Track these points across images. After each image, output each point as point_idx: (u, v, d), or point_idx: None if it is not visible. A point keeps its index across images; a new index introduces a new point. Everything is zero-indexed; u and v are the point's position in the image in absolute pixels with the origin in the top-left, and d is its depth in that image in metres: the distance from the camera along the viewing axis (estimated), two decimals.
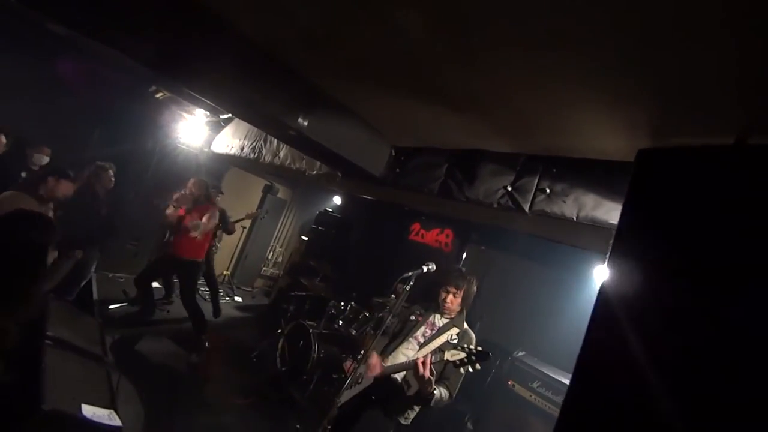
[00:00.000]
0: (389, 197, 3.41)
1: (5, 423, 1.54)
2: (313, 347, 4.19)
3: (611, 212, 1.92)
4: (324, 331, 4.50)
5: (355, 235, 5.96)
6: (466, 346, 2.03)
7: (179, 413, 3.12)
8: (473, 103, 1.98)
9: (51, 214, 3.15)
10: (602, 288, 1.03)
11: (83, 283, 4.39)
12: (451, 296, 2.31)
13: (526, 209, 2.22)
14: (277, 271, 7.35)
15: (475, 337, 2.27)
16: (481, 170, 2.45)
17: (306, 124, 2.42)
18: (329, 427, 2.34)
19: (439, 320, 2.39)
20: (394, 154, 2.94)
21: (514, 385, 3.51)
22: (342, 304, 4.65)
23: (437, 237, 5.19)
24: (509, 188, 2.30)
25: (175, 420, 3.02)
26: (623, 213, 1.04)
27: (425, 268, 2.39)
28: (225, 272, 6.60)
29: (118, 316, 4.35)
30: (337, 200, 6.89)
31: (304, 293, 5.14)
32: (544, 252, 3.64)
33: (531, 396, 3.38)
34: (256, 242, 6.95)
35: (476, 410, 3.75)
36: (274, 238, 7.40)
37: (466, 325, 2.32)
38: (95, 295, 4.46)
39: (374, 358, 2.38)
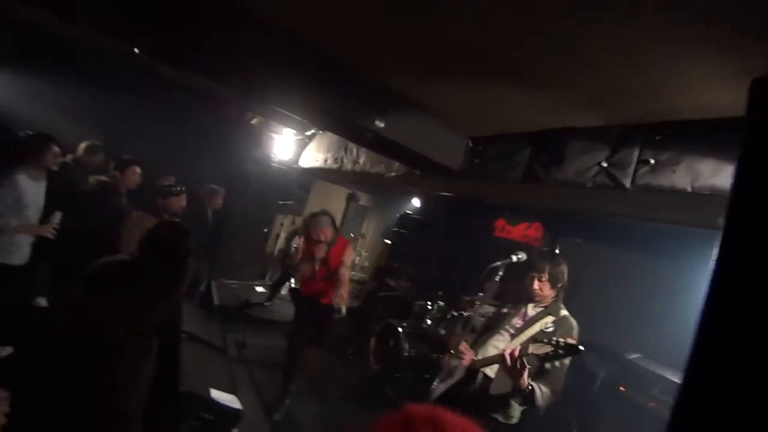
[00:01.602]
0: (469, 190, 3.36)
1: (151, 402, 1.78)
2: (402, 346, 4.27)
3: None
4: (413, 331, 4.56)
5: (438, 235, 5.94)
6: (553, 339, 1.88)
7: (290, 401, 3.43)
8: (553, 76, 1.87)
9: None
10: (716, 265, 0.74)
11: (202, 288, 5.14)
12: (537, 281, 2.18)
13: (627, 185, 2.00)
14: (364, 276, 7.65)
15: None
16: (570, 149, 2.28)
17: (382, 125, 2.54)
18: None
19: (532, 310, 2.27)
20: (471, 145, 2.90)
21: (627, 391, 3.14)
22: (429, 303, 4.67)
23: (525, 231, 4.91)
24: (604, 164, 2.10)
25: (286, 408, 3.33)
26: (739, 169, 0.76)
27: (514, 258, 2.30)
28: None
29: (236, 316, 4.96)
30: (416, 203, 6.96)
31: (391, 294, 5.28)
32: (650, 240, 3.20)
33: (650, 403, 2.98)
34: None
35: (582, 418, 3.42)
36: (358, 243, 7.74)
37: (564, 312, 2.16)
38: (216, 300, 5.17)
39: (464, 346, 2.34)
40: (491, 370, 2.21)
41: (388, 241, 6.86)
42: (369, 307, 5.99)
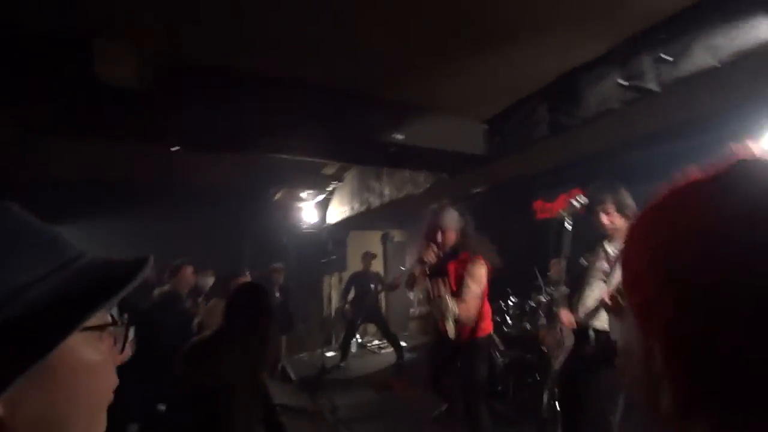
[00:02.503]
0: (500, 174, 3.38)
1: None
2: (493, 356, 4.04)
3: None
4: (498, 337, 4.33)
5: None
6: None
7: None
8: (543, 25, 1.97)
9: None
10: None
11: (279, 367, 5.10)
12: (604, 216, 2.09)
13: (655, 88, 1.99)
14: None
15: None
16: (585, 85, 2.31)
17: (402, 136, 2.67)
18: (556, 390, 2.20)
19: (612, 247, 2.16)
20: (488, 127, 2.98)
21: None
22: (502, 303, 4.48)
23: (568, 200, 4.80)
24: (625, 82, 2.12)
25: None
26: None
27: (576, 203, 2.25)
28: None
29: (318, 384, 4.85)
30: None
31: None
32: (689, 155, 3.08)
33: None
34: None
35: None
36: None
37: None
38: (293, 376, 5.11)
39: (565, 314, 2.22)
40: (602, 323, 2.08)
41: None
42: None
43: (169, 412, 2.94)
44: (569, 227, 2.22)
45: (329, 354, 5.82)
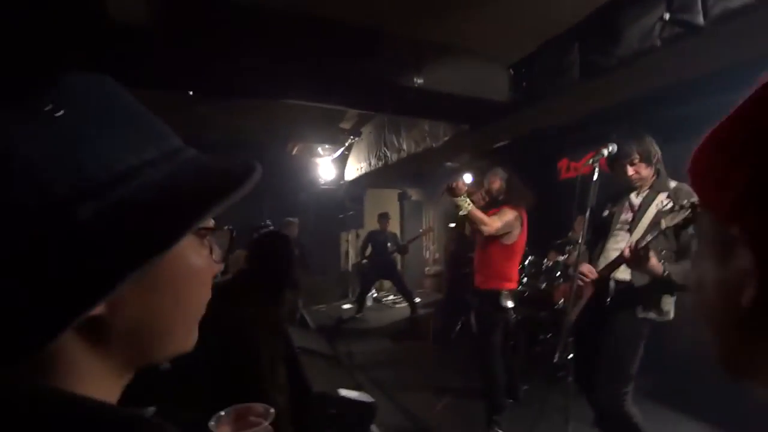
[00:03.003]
0: (524, 124, 3.21)
1: (292, 406, 1.84)
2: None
3: None
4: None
5: None
6: (685, 201, 1.68)
7: (414, 392, 3.37)
8: None
9: None
10: None
11: (297, 317, 5.33)
12: (629, 167, 1.96)
13: (701, 22, 1.79)
14: (439, 267, 7.52)
15: None
16: (622, 20, 2.10)
17: (421, 80, 2.53)
18: (571, 340, 2.20)
19: (637, 198, 2.06)
20: (512, 72, 2.80)
21: None
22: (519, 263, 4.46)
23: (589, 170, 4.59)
24: (667, 16, 1.91)
25: (415, 398, 3.27)
26: None
27: (605, 151, 2.11)
28: None
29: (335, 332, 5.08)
30: (468, 179, 6.81)
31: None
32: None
33: None
34: (410, 247, 7.33)
35: None
36: (423, 238, 7.67)
37: (673, 183, 1.94)
38: (311, 324, 5.35)
39: (585, 267, 2.17)
40: (622, 273, 2.02)
41: (453, 225, 6.74)
42: (457, 293, 5.85)
43: (196, 352, 3.15)
44: (596, 176, 2.11)
45: (346, 306, 6.03)
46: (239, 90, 2.58)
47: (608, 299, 2.00)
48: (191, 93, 2.64)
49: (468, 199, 2.44)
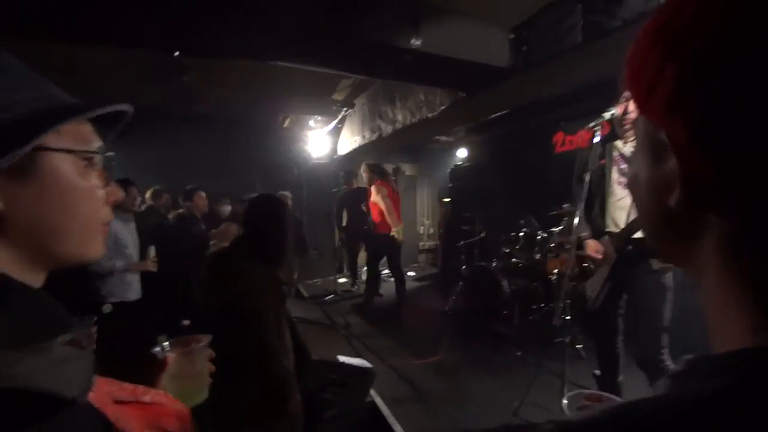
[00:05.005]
0: (524, 92, 3.14)
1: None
2: (501, 284, 4.13)
3: None
4: (505, 266, 4.41)
5: (497, 173, 5.72)
6: None
7: (407, 358, 3.43)
8: None
9: None
10: None
11: (292, 291, 5.34)
12: (625, 103, 1.91)
13: None
14: (434, 242, 7.56)
15: None
16: None
17: (419, 42, 2.43)
18: (568, 301, 2.23)
19: (628, 147, 2.04)
20: (513, 36, 2.71)
21: None
22: (512, 234, 4.49)
23: (589, 134, 4.56)
24: None
25: (406, 365, 3.33)
26: None
27: (608, 115, 2.07)
28: None
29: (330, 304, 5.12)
30: (462, 153, 6.77)
31: (470, 240, 5.14)
32: None
33: None
34: (404, 222, 7.31)
35: None
36: (418, 213, 7.67)
37: None
38: (305, 294, 5.38)
39: (591, 246, 2.14)
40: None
41: (447, 199, 6.74)
42: (450, 265, 5.92)
43: (194, 324, 3.15)
44: (598, 138, 2.08)
45: (342, 280, 6.05)
46: (227, 51, 2.45)
47: (628, 262, 1.97)
48: (177, 54, 2.50)
49: None
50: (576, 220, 2.13)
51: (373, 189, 4.76)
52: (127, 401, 0.51)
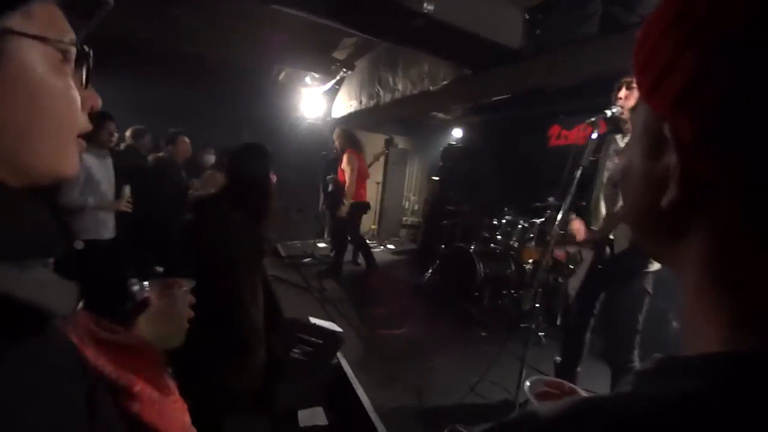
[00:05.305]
0: (531, 76, 3.07)
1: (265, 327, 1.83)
2: (477, 266, 4.22)
3: None
4: (484, 250, 4.48)
5: (489, 158, 5.70)
6: None
7: (376, 327, 3.51)
8: None
9: None
10: None
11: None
12: (624, 90, 1.92)
13: None
14: (417, 219, 7.59)
15: None
16: None
17: (432, 7, 2.32)
18: (540, 290, 2.29)
19: (622, 140, 2.05)
20: (528, 17, 2.61)
21: None
22: (495, 220, 4.54)
23: (585, 132, 4.56)
24: None
25: (375, 333, 3.41)
26: None
27: (609, 113, 2.05)
28: (372, 226, 7.14)
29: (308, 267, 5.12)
30: (457, 133, 6.69)
31: (453, 221, 5.18)
32: None
33: None
34: (390, 195, 7.29)
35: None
36: (405, 188, 7.65)
37: None
38: (282, 253, 5.36)
39: (576, 223, 2.16)
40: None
41: (436, 178, 6.71)
42: (430, 242, 5.98)
43: (167, 272, 3.09)
44: (595, 134, 2.07)
45: (321, 245, 6.05)
46: None
47: (609, 258, 2.01)
48: None
49: None
50: (560, 215, 2.15)
51: (345, 156, 4.67)
52: (104, 340, 0.49)
